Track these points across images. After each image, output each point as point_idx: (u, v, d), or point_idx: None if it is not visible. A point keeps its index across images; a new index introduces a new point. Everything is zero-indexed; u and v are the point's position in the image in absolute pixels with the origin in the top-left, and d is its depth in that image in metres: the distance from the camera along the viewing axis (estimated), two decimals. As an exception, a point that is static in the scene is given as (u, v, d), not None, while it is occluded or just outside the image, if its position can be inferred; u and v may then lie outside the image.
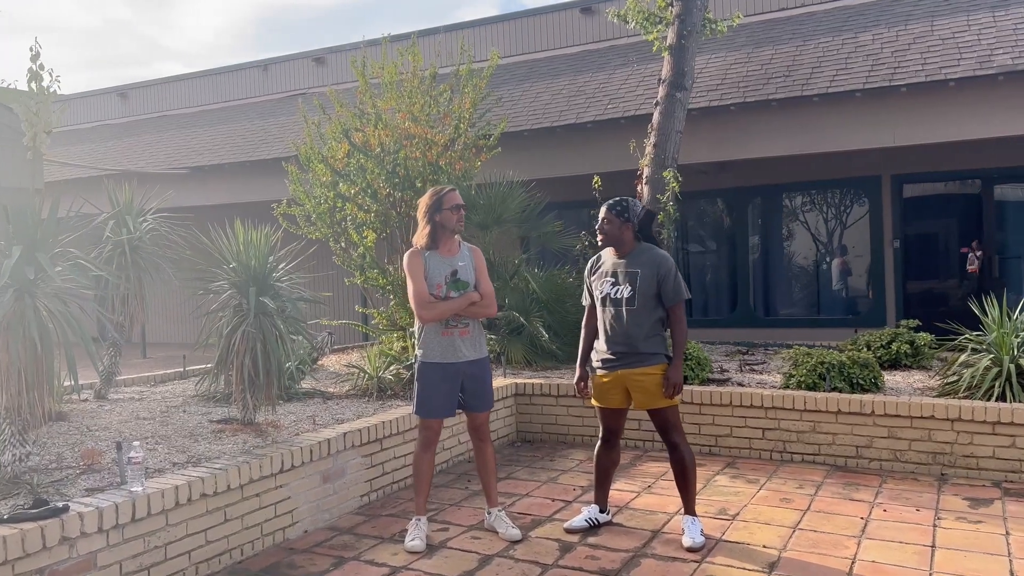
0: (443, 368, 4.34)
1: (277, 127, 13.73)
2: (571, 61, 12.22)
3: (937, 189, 10.74)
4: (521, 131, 10.30)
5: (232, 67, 16.26)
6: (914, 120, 8.70)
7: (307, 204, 9.13)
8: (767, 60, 10.11)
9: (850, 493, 5.06)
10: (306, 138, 9.28)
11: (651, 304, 4.29)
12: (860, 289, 11.02)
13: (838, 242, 11.32)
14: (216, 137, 14.36)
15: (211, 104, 16.32)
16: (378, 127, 8.73)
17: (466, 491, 5.40)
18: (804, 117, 9.18)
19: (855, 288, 11.14)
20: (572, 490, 5.33)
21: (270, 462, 4.44)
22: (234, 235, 5.11)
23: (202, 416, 5.77)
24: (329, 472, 4.88)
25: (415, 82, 9.01)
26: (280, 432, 5.21)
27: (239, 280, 4.87)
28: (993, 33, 8.86)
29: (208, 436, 5.10)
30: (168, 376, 7.90)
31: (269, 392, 5.00)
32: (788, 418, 5.88)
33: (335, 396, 6.63)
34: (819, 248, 11.41)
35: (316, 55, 15.10)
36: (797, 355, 6.52)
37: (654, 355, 4.29)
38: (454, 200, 4.36)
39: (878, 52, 9.34)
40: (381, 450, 5.33)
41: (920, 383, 6.45)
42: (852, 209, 11.21)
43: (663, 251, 4.37)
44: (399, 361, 6.87)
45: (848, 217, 11.28)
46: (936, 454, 5.44)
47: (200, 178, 13.34)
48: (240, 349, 4.82)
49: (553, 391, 6.70)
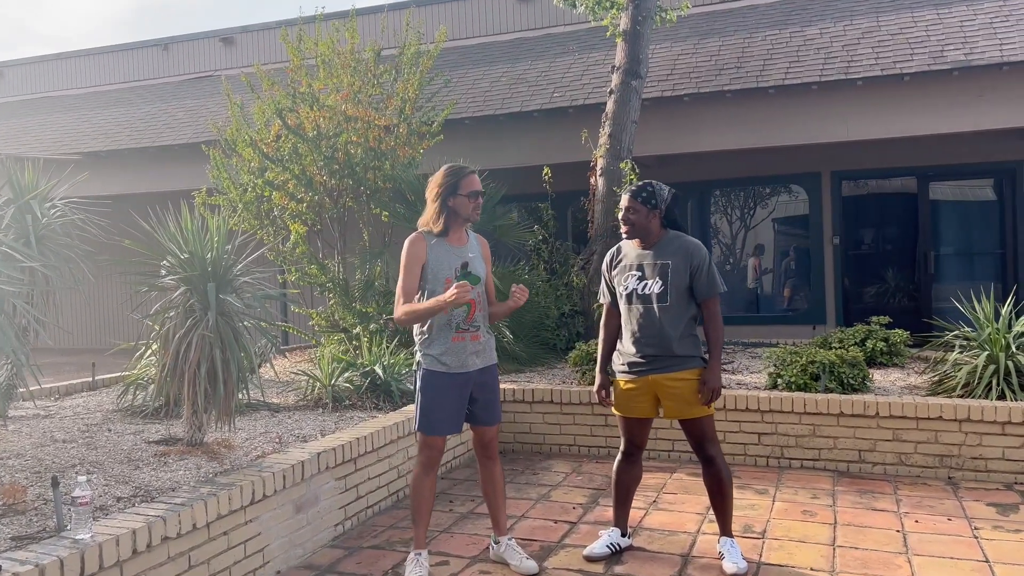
0: (451, 378, 3.71)
1: (183, 111, 12.57)
2: (506, 48, 11.68)
3: (875, 187, 10.79)
4: (462, 119, 9.68)
5: (128, 45, 14.86)
6: (868, 114, 8.61)
7: (232, 192, 8.23)
8: (715, 52, 9.87)
9: (869, 502, 4.73)
10: (231, 119, 8.36)
11: (684, 299, 3.80)
12: (800, 286, 10.96)
13: (777, 239, 11.24)
14: (112, 120, 13.03)
15: (103, 85, 14.88)
16: (314, 108, 7.93)
17: (451, 513, 4.77)
18: (759, 110, 8.96)
19: (795, 285, 11.08)
20: (572, 508, 4.78)
21: (240, 493, 3.70)
22: (178, 222, 4.30)
23: (135, 435, 4.89)
24: (302, 500, 4.16)
25: (352, 61, 8.25)
26: (234, 453, 4.44)
27: (193, 275, 4.07)
28: (940, 29, 8.89)
29: (150, 461, 4.27)
30: (75, 387, 6.86)
31: (228, 406, 4.22)
32: (786, 422, 5.53)
33: (283, 408, 5.84)
34: (758, 245, 11.29)
35: (224, 34, 13.96)
36: (783, 354, 6.20)
37: (690, 358, 3.79)
38: (473, 185, 3.73)
39: (828, 46, 9.23)
40: (355, 471, 4.63)
41: (902, 381, 6.25)
42: (791, 205, 11.15)
43: (694, 239, 3.88)
44: (354, 367, 6.14)
45: (787, 214, 11.21)
46: (943, 456, 5.20)
47: (95, 165, 12.01)
48: (193, 358, 4.03)
49: (526, 397, 6.14)
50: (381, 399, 5.90)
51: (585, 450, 6.00)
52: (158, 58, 14.59)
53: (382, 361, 6.14)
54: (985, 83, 8.20)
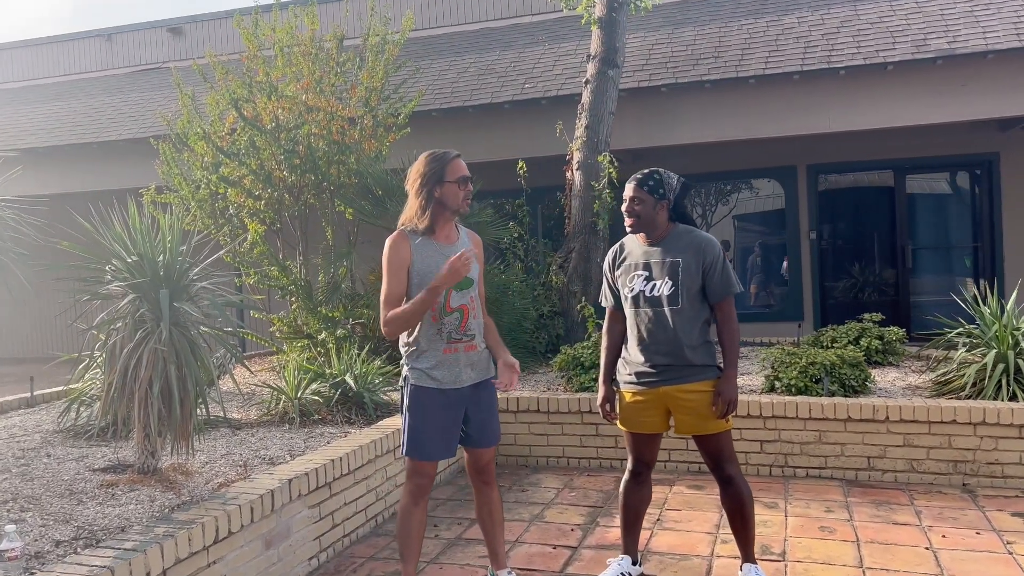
0: (443, 396, 3.26)
1: (128, 105, 11.86)
2: (473, 38, 11.22)
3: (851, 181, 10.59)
4: (429, 111, 9.20)
5: (69, 36, 14.04)
6: (851, 104, 8.36)
7: (183, 190, 7.64)
8: (690, 41, 9.55)
9: (888, 515, 4.40)
10: (182, 111, 7.77)
11: (698, 301, 3.40)
12: (776, 282, 10.72)
13: (752, 234, 10.98)
14: (51, 115, 12.25)
15: (42, 78, 14.04)
16: (272, 98, 7.39)
17: (438, 539, 4.32)
18: (739, 101, 8.65)
19: (771, 281, 10.83)
20: (570, 531, 4.37)
21: (201, 531, 3.20)
22: (124, 221, 3.77)
23: (77, 462, 4.34)
24: (272, 534, 3.67)
25: (313, 48, 7.71)
26: (193, 481, 3.93)
27: (143, 280, 3.55)
28: (921, 18, 8.68)
29: (95, 494, 3.74)
30: (9, 404, 6.23)
31: (186, 428, 3.72)
32: (790, 428, 5.19)
33: (246, 424, 5.32)
34: (733, 240, 11.02)
35: (172, 24, 13.25)
36: (779, 355, 5.87)
37: (705, 367, 3.40)
38: (460, 170, 3.27)
39: (807, 35, 8.97)
40: (330, 496, 4.15)
41: (901, 381, 5.97)
42: (768, 200, 10.89)
43: (706, 233, 3.48)
44: (323, 377, 5.64)
45: (763, 208, 10.96)
46: (957, 462, 4.90)
47: (32, 162, 11.25)
48: (144, 375, 3.52)
49: (511, 405, 5.71)
50: (353, 412, 5.42)
51: (575, 462, 5.59)
52: (101, 49, 13.81)
53: (353, 370, 5.66)
54: (969, 72, 8.00)
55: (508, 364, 3.26)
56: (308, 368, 5.72)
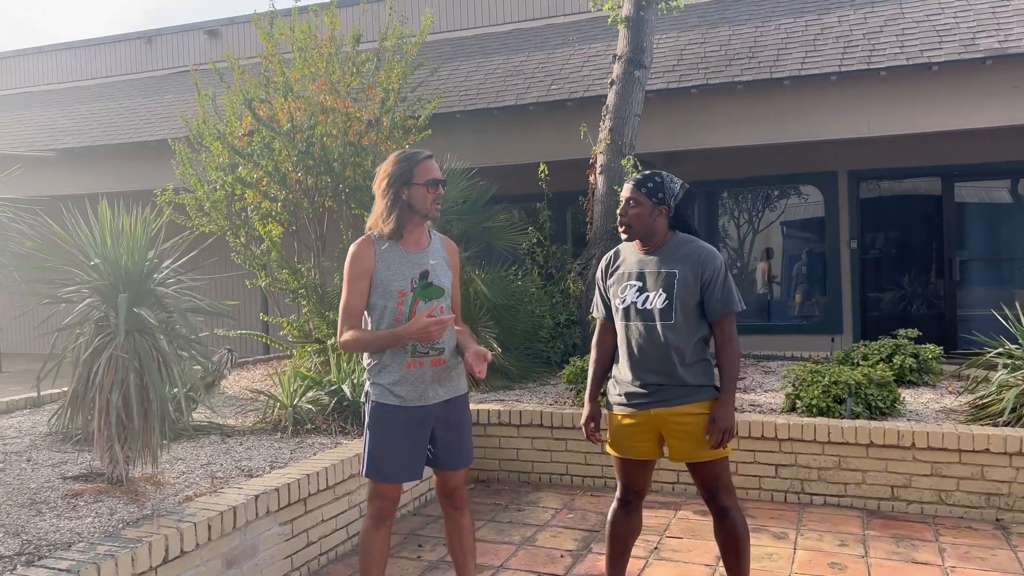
0: (407, 413, 3.03)
1: (163, 106, 11.94)
2: (504, 39, 11.01)
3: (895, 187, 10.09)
4: (453, 112, 9.01)
5: (109, 38, 14.25)
6: (892, 107, 7.91)
7: (199, 191, 7.57)
8: (725, 41, 9.19)
9: (909, 552, 4.04)
10: (199, 111, 7.71)
11: (694, 317, 3.10)
12: (814, 293, 10.26)
13: (791, 243, 10.54)
14: (90, 116, 12.40)
15: (84, 80, 14.27)
16: (288, 98, 7.27)
17: (419, 561, 4.10)
18: (773, 103, 8.27)
19: (809, 292, 10.38)
20: (560, 557, 4.10)
21: (148, 550, 3.03)
22: (98, 222, 3.64)
23: (52, 468, 4.23)
24: (235, 553, 3.49)
25: (332, 47, 7.59)
26: (162, 492, 3.78)
27: (104, 284, 3.40)
28: (971, 16, 8.19)
29: (57, 503, 3.61)
30: (16, 404, 6.21)
31: (148, 439, 3.56)
32: (807, 452, 4.84)
33: (238, 432, 5.18)
34: (769, 249, 10.60)
35: (209, 27, 13.33)
36: (801, 372, 5.51)
37: (700, 388, 3.10)
38: (430, 172, 3.04)
39: (848, 34, 8.54)
40: (305, 513, 3.96)
41: (936, 404, 5.56)
42: (806, 208, 10.45)
43: (707, 244, 3.17)
44: (320, 385, 5.47)
45: (801, 216, 10.52)
46: (991, 495, 4.50)
47: (69, 163, 11.41)
48: (105, 382, 3.37)
49: (513, 419, 5.47)
50: (349, 422, 5.24)
51: (579, 480, 5.32)
52: (142, 52, 13.97)
53: (352, 379, 5.48)
54: (1021, 73, 7.50)
55: (478, 352, 2.98)
56: (305, 375, 5.55)
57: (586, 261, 7.59)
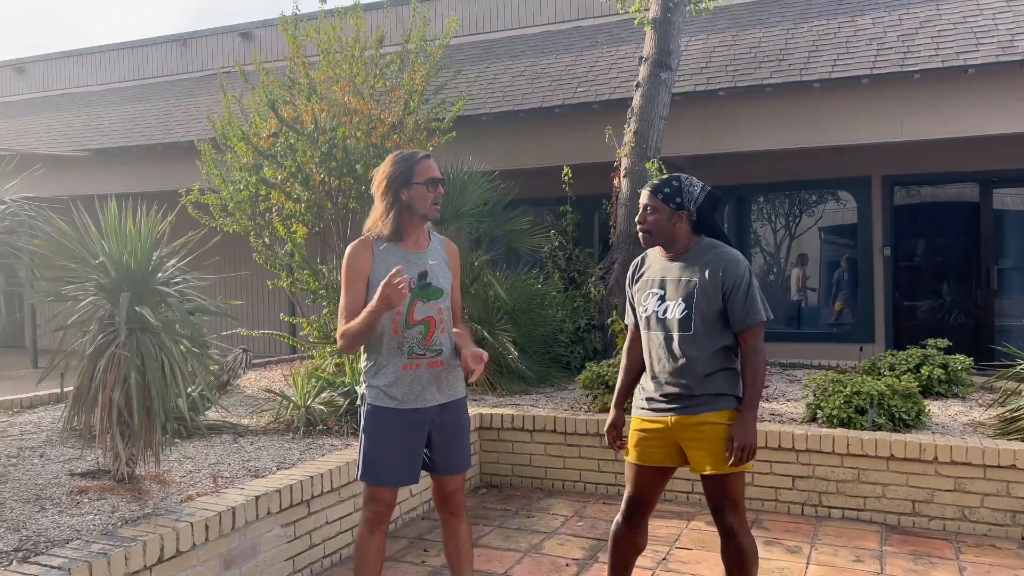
0: (402, 416, 2.99)
1: (196, 107, 12.08)
2: (532, 42, 10.96)
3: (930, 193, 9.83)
4: (479, 115, 8.99)
5: (146, 41, 14.49)
6: (926, 111, 7.71)
7: (223, 191, 7.64)
8: (755, 43, 9.04)
9: (926, 570, 3.90)
10: (224, 112, 7.78)
11: (716, 327, 2.97)
12: (846, 301, 10.03)
13: (822, 249, 10.33)
14: (125, 117, 12.62)
15: (121, 82, 14.52)
16: (312, 100, 7.31)
17: (423, 566, 4.06)
18: (802, 106, 8.11)
19: (840, 300, 10.15)
20: (565, 566, 4.03)
21: (142, 549, 3.03)
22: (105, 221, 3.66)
23: (62, 465, 4.28)
24: (233, 554, 3.48)
25: (357, 49, 7.61)
26: (167, 491, 3.79)
27: (107, 282, 3.42)
28: (1010, 17, 7.94)
29: (62, 500, 3.64)
30: (40, 399, 6.30)
31: (150, 439, 3.57)
32: (826, 464, 4.70)
33: (250, 431, 5.19)
34: (800, 256, 10.40)
35: (243, 29, 13.48)
36: (823, 382, 5.37)
37: (719, 397, 2.97)
38: (430, 171, 3.01)
39: (882, 36, 8.34)
40: (308, 515, 3.94)
41: (964, 416, 5.37)
42: (837, 214, 10.23)
43: (732, 250, 3.03)
44: (333, 386, 5.47)
45: (833, 222, 10.30)
46: (1016, 512, 4.33)
47: (103, 162, 11.61)
48: (107, 380, 3.38)
49: (527, 424, 5.40)
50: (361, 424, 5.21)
51: (592, 487, 5.24)
52: (177, 54, 14.18)
53: (365, 380, 5.45)
54: (1062, 76, 7.26)
55: (475, 353, 2.94)
56: (319, 376, 5.55)
57: (608, 265, 7.51)
